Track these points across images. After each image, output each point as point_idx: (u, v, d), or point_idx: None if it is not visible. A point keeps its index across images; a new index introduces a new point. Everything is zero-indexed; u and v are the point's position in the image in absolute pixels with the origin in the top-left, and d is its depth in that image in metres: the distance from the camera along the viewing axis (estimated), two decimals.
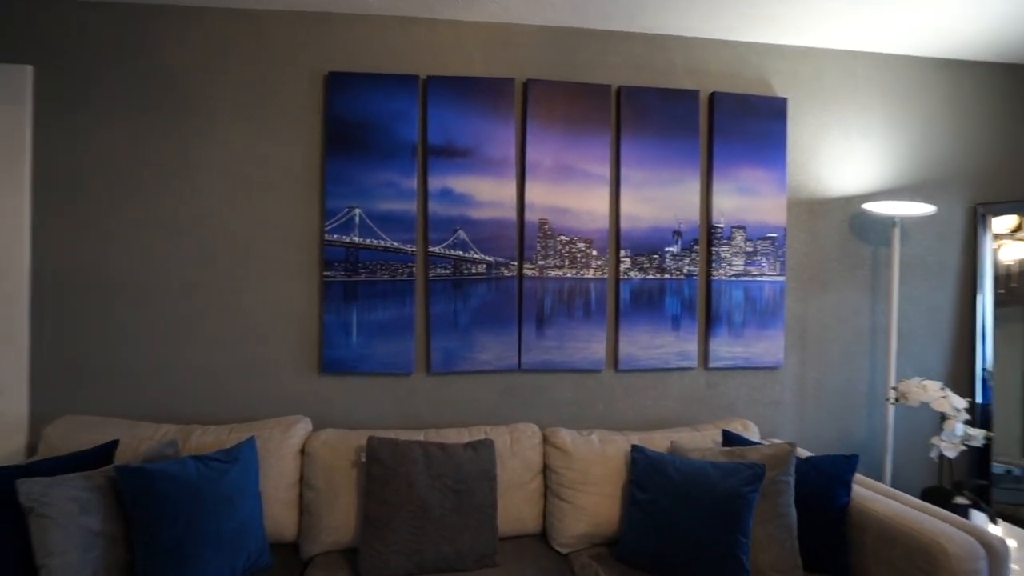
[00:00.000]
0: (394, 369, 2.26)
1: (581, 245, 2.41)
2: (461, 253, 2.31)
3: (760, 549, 1.78)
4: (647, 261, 2.47)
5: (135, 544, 1.56)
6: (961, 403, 2.17)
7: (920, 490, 2.36)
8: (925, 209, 2.39)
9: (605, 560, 1.90)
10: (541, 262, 2.38)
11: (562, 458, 2.08)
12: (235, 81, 2.22)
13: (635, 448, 2.03)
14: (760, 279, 2.54)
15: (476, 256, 2.33)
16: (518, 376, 2.39)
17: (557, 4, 2.21)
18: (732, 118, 2.50)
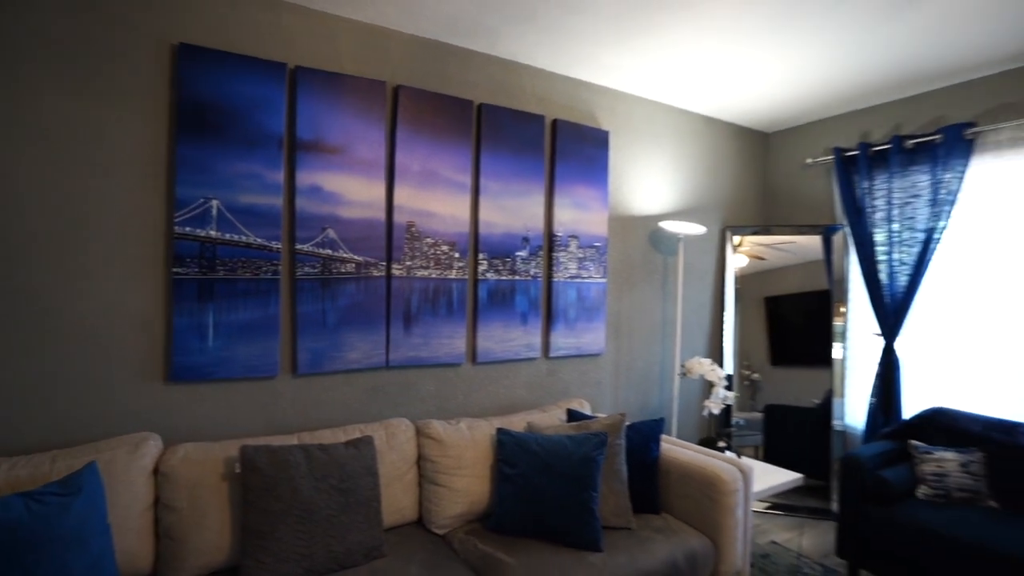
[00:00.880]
0: (257, 372, 2.12)
1: (445, 247, 2.58)
2: (330, 252, 2.28)
3: (603, 501, 2.20)
4: (501, 264, 2.75)
5: None
6: (723, 374, 2.95)
7: (697, 439, 3.12)
8: (699, 229, 3.15)
9: (480, 533, 2.12)
10: (409, 262, 2.47)
11: (436, 447, 2.23)
12: (60, 39, 1.81)
13: (500, 431, 2.29)
14: (588, 281, 3.03)
15: (345, 255, 2.31)
16: (386, 373, 2.45)
17: (430, 17, 2.33)
18: (570, 142, 2.93)
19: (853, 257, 3.31)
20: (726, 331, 3.62)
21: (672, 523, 2.24)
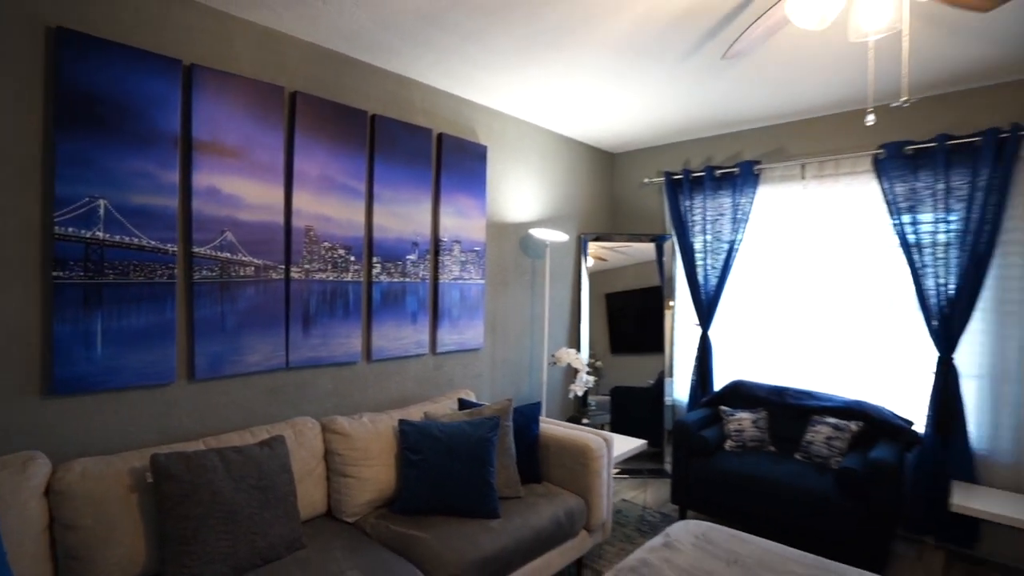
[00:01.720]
0: (152, 380, 2.03)
1: (342, 251, 2.67)
2: (229, 255, 2.25)
3: (497, 475, 2.52)
4: (393, 267, 2.91)
5: None
6: (586, 360, 3.47)
7: (565, 418, 3.61)
8: (562, 236, 3.64)
9: (389, 516, 2.30)
10: (307, 265, 2.52)
11: (343, 441, 2.35)
12: None
13: (403, 422, 2.48)
14: (470, 282, 3.32)
15: (245, 258, 2.30)
16: (285, 374, 2.47)
17: (329, 26, 2.40)
18: (454, 155, 3.19)
19: (679, 261, 4.09)
20: (583, 325, 4.20)
21: (552, 489, 2.65)
